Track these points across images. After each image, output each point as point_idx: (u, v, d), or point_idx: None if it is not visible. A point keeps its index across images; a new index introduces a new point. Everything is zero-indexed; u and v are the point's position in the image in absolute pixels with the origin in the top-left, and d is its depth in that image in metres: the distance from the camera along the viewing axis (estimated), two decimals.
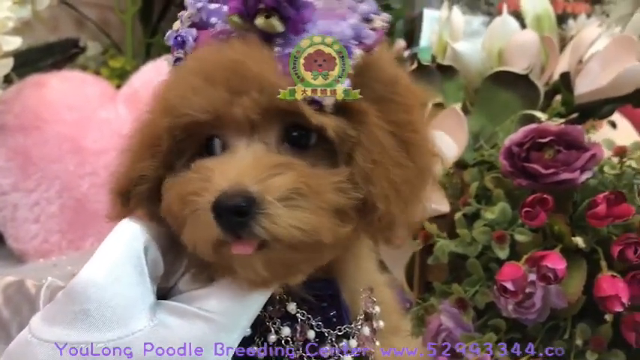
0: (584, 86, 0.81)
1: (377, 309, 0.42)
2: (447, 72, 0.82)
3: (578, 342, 0.54)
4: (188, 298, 0.37)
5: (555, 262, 0.49)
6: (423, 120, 0.39)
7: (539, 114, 0.76)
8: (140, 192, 0.39)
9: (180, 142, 0.38)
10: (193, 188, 0.35)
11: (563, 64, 0.84)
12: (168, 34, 0.40)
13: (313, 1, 0.36)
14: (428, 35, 1.31)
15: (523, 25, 0.92)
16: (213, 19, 0.38)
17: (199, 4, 0.39)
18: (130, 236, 0.37)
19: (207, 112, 0.36)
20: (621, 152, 0.53)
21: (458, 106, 0.77)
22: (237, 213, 0.33)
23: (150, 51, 1.27)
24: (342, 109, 0.36)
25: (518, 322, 0.56)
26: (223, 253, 0.35)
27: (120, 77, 1.16)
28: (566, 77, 0.80)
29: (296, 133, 0.37)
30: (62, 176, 0.96)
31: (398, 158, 0.36)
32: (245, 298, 0.36)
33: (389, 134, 0.36)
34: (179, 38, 0.39)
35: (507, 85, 0.80)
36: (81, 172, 0.97)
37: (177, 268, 0.38)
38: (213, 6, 0.39)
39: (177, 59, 0.39)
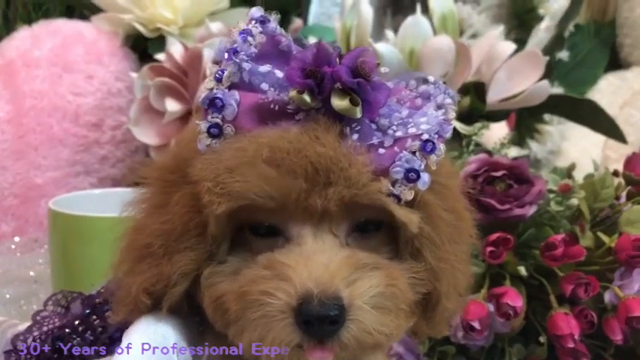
0: (493, 95, 0.85)
1: None
2: None
3: None
4: None
5: (514, 299, 0.52)
6: (465, 204, 0.38)
7: (456, 123, 0.79)
8: (178, 292, 0.34)
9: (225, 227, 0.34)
10: (265, 287, 0.32)
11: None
12: (202, 95, 0.34)
13: (385, 82, 0.34)
14: (316, 12, 1.29)
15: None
16: (263, 85, 0.34)
17: (245, 65, 0.34)
18: (161, 340, 0.32)
19: (275, 199, 0.33)
20: (567, 190, 0.57)
21: None
22: (329, 322, 0.31)
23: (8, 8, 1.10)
24: (411, 201, 0.34)
25: (463, 346, 0.58)
26: (295, 356, 0.33)
27: None
28: (480, 87, 0.84)
29: (363, 220, 0.35)
30: None
31: (460, 253, 0.36)
32: None
33: (449, 225, 0.35)
34: (218, 102, 0.34)
35: None
36: None
37: None
38: (263, 69, 0.34)
39: (214, 125, 0.34)
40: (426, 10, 0.93)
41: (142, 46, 0.97)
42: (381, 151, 0.34)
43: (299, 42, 1.16)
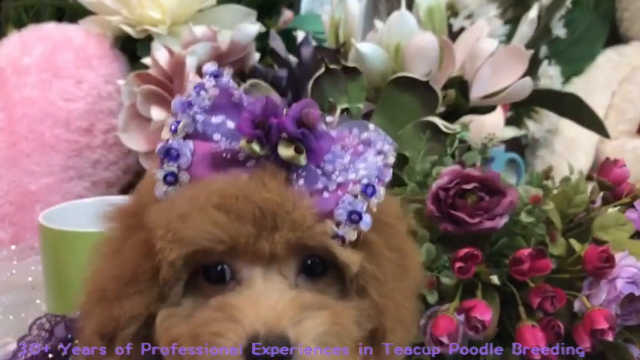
0: (476, 91, 0.85)
1: None
2: (351, 73, 0.82)
3: None
4: None
5: (483, 313, 0.54)
6: (411, 243, 0.40)
7: (437, 120, 0.79)
8: (128, 334, 0.36)
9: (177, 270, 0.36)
10: (216, 329, 0.34)
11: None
12: (158, 145, 0.37)
13: (329, 131, 0.36)
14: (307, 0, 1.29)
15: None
16: (215, 136, 0.36)
17: (199, 117, 0.36)
18: None
19: (225, 243, 0.35)
20: (537, 201, 0.58)
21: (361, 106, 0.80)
22: None
23: None
24: (355, 241, 0.36)
25: (439, 355, 0.60)
26: None
27: None
28: (464, 84, 0.84)
29: (310, 262, 0.37)
30: None
31: (405, 290, 0.38)
32: None
33: (393, 263, 0.37)
34: (173, 152, 0.36)
35: (408, 88, 0.82)
36: None
37: None
38: (215, 120, 0.37)
39: (170, 174, 0.36)
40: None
41: (132, 48, 0.98)
42: (326, 194, 0.36)
43: (289, 35, 1.15)
